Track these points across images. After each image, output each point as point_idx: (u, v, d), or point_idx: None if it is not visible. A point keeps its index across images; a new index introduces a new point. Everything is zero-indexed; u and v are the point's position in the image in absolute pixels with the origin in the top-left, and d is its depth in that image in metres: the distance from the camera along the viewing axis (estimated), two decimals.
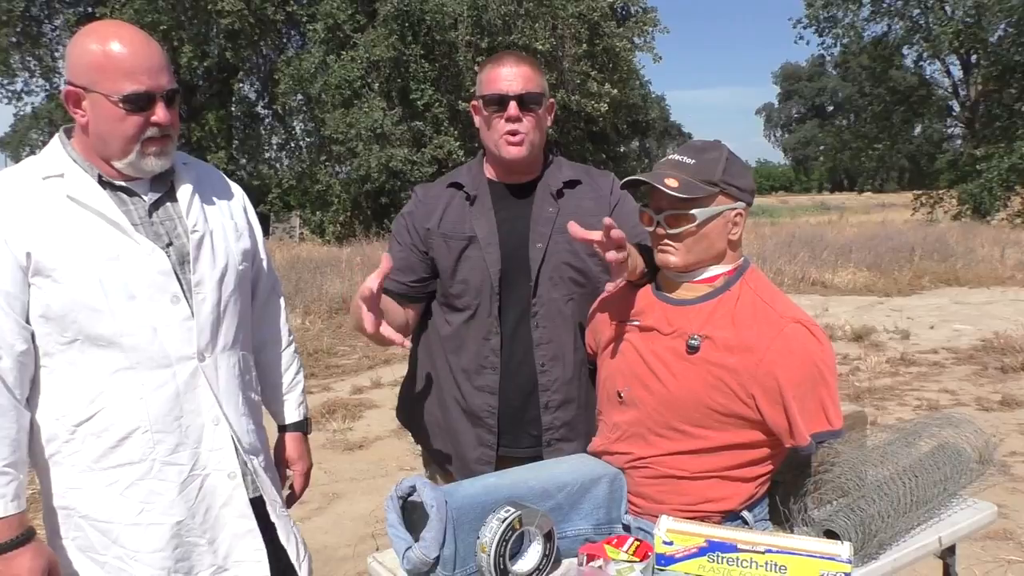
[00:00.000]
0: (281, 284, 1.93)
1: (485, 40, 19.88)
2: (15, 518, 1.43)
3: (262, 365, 1.84)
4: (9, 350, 1.45)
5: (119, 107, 1.47)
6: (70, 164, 1.54)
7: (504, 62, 1.83)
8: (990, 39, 24.36)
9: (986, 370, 6.61)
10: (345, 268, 11.40)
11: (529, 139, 1.81)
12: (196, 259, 1.59)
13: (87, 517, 1.53)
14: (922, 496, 1.62)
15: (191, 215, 1.61)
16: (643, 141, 36.29)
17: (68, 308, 1.47)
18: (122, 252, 1.51)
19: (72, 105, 1.51)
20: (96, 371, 1.51)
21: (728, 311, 1.55)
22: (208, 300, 1.60)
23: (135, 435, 1.52)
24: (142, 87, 1.48)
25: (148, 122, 1.50)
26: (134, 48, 1.48)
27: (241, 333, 1.69)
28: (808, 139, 72.59)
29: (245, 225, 1.76)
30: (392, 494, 1.47)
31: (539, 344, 1.84)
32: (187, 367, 1.56)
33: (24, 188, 1.50)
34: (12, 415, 1.44)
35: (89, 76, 1.48)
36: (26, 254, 1.45)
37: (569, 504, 1.59)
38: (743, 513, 1.59)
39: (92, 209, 1.51)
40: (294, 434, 1.88)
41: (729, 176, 1.57)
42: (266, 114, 25.67)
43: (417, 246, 1.88)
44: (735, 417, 1.52)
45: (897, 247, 13.66)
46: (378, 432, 5.28)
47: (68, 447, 1.52)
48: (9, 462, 1.43)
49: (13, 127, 27.76)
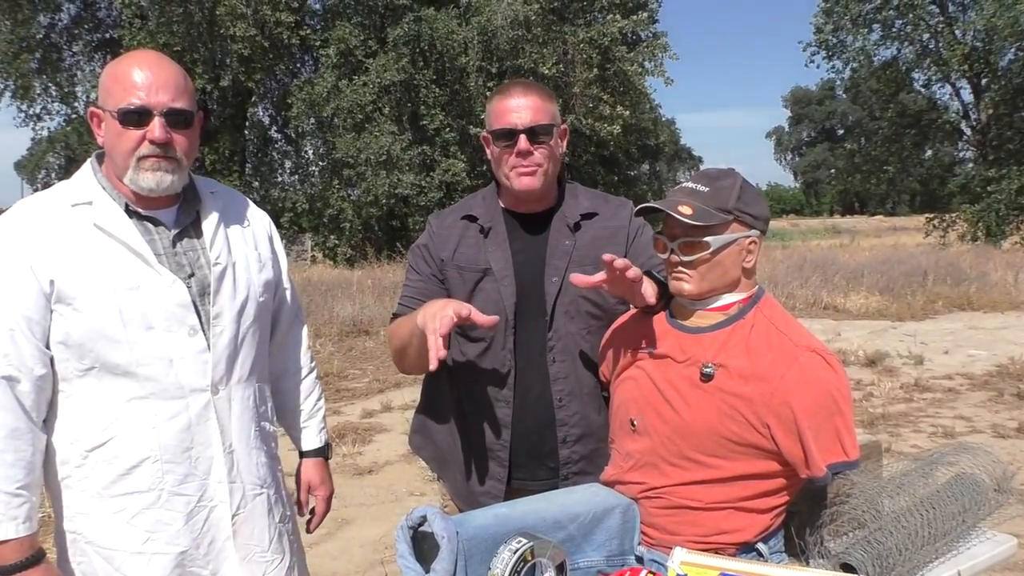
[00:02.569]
0: (304, 312, 1.94)
1: (495, 65, 20.06)
2: (26, 540, 1.44)
3: (283, 392, 1.85)
4: (29, 374, 1.47)
5: (117, 121, 1.51)
6: (99, 191, 1.57)
7: (512, 93, 1.81)
8: (1000, 63, 24.37)
9: (1002, 396, 6.54)
10: (356, 291, 11.44)
11: (542, 170, 1.79)
12: (217, 291, 1.60)
13: (92, 543, 1.54)
14: (940, 528, 1.59)
15: (215, 247, 1.63)
16: (653, 164, 36.41)
17: (87, 337, 1.49)
18: (143, 283, 1.52)
19: (95, 126, 1.56)
20: (111, 399, 1.52)
21: (742, 339, 1.54)
22: (226, 333, 1.61)
23: (145, 464, 1.53)
24: (137, 102, 1.50)
25: (143, 138, 1.52)
26: (142, 68, 1.52)
27: (258, 365, 1.70)
28: (819, 162, 72.67)
29: (269, 255, 1.77)
30: (403, 524, 1.46)
31: (556, 379, 1.82)
32: (200, 399, 1.57)
33: (53, 215, 1.53)
34: (28, 438, 1.46)
35: (102, 95, 1.53)
36: (50, 281, 1.47)
37: (581, 535, 1.57)
38: (758, 545, 1.57)
39: (117, 238, 1.53)
40: (315, 460, 1.89)
41: (743, 204, 1.56)
42: (279, 139, 25.92)
43: (436, 275, 1.87)
44: (750, 447, 1.51)
45: (910, 271, 13.59)
46: (388, 457, 5.26)
47: (79, 472, 1.53)
48: (23, 484, 1.44)
49: (31, 150, 28.13)
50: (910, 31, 25.44)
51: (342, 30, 20.66)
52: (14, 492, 1.43)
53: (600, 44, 21.45)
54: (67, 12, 23.44)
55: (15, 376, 1.45)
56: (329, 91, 20.41)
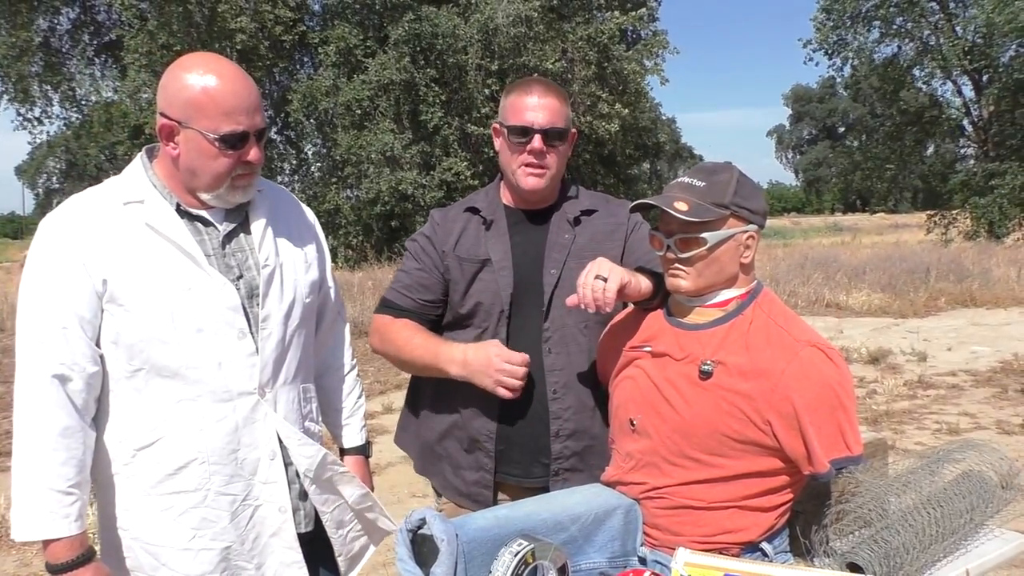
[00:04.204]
0: (345, 309, 1.94)
1: (495, 63, 20.05)
2: (77, 538, 1.46)
3: (325, 389, 1.85)
4: (81, 372, 1.47)
5: (215, 145, 1.48)
6: (150, 190, 1.55)
7: (532, 91, 1.81)
8: (1001, 59, 24.34)
9: (1006, 392, 6.51)
10: (356, 292, 11.43)
11: (550, 173, 1.81)
12: (265, 295, 1.60)
13: (139, 539, 1.55)
14: (948, 526, 1.57)
15: (263, 248, 1.62)
16: (653, 164, 36.41)
17: (138, 338, 1.49)
18: (194, 284, 1.52)
19: (165, 138, 1.52)
20: (159, 400, 1.53)
21: (741, 335, 1.52)
22: (274, 335, 1.61)
23: (192, 465, 1.54)
24: (240, 127, 1.49)
25: (240, 160, 1.52)
26: (235, 87, 1.49)
27: (303, 366, 1.71)
28: (820, 160, 72.58)
29: (315, 255, 1.77)
30: (402, 527, 1.44)
31: (551, 370, 1.81)
32: (247, 402, 1.57)
33: (105, 213, 1.52)
34: (79, 436, 1.46)
35: (186, 112, 1.48)
36: (103, 280, 1.47)
37: (583, 536, 1.55)
38: (762, 545, 1.55)
39: (168, 239, 1.52)
40: (356, 457, 1.90)
41: (740, 198, 1.54)
42: (279, 140, 25.94)
43: (436, 267, 1.87)
44: (751, 444, 1.49)
45: (912, 268, 13.57)
46: (389, 458, 5.24)
47: (127, 469, 1.54)
48: (75, 483, 1.45)
49: (31, 155, 28.17)
50: (910, 28, 25.41)
51: (342, 29, 20.67)
52: (66, 490, 1.43)
53: (598, 42, 21.45)
54: (66, 16, 23.49)
55: (67, 375, 1.45)
56: (328, 89, 20.41)
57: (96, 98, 23.32)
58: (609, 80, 22.41)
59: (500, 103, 1.89)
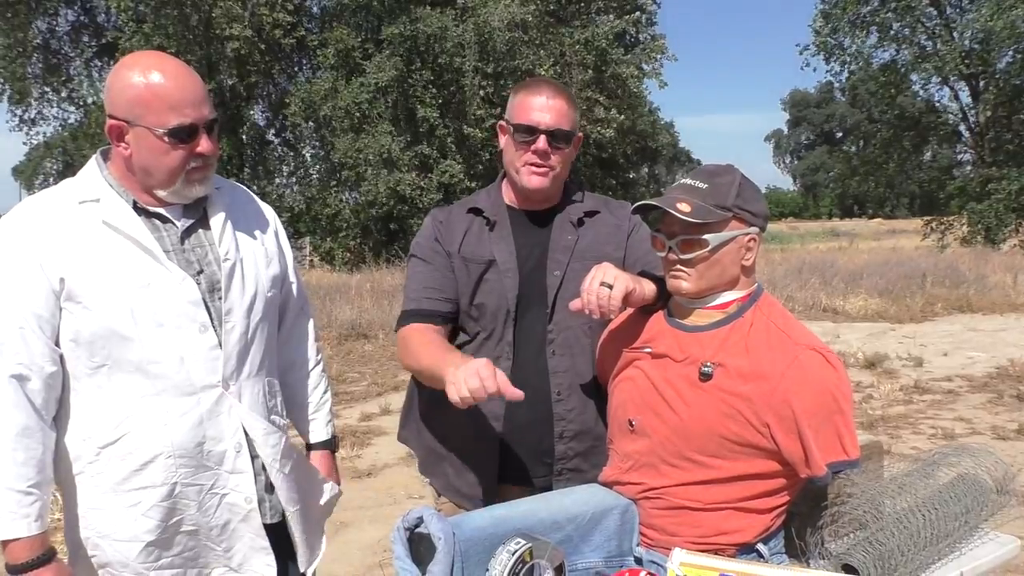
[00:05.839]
0: (310, 305, 1.94)
1: (491, 66, 20.07)
2: (38, 538, 1.45)
3: (290, 385, 1.85)
4: (39, 372, 1.47)
5: (164, 141, 1.49)
6: (106, 189, 1.55)
7: (541, 91, 1.81)
8: (998, 64, 24.41)
9: (1002, 398, 6.53)
10: (355, 295, 11.43)
11: (554, 173, 1.81)
12: (227, 288, 1.60)
13: (107, 536, 1.55)
14: (943, 529, 1.58)
15: (223, 243, 1.62)
16: (652, 167, 36.44)
17: (98, 335, 1.49)
18: (153, 280, 1.52)
19: (115, 139, 1.52)
20: (122, 396, 1.53)
21: (741, 338, 1.53)
22: (236, 329, 1.61)
23: (158, 460, 1.54)
24: (188, 119, 1.49)
25: (192, 153, 1.52)
26: (178, 81, 1.49)
27: (267, 359, 1.71)
28: (817, 165, 72.72)
29: (276, 250, 1.77)
30: (399, 525, 1.44)
31: (555, 372, 1.81)
32: (211, 395, 1.58)
33: (61, 212, 1.52)
34: (39, 436, 1.46)
35: (132, 110, 1.48)
36: (60, 279, 1.47)
37: (580, 536, 1.55)
38: (758, 546, 1.55)
39: (126, 235, 1.52)
40: (322, 452, 1.90)
41: (742, 200, 1.55)
42: (277, 142, 25.92)
43: (447, 266, 1.86)
44: (749, 446, 1.49)
45: (908, 273, 13.60)
46: (387, 460, 5.24)
47: (92, 468, 1.54)
48: (34, 483, 1.45)
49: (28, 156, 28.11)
50: (907, 33, 25.47)
51: (340, 31, 20.68)
52: (26, 490, 1.43)
53: (596, 46, 21.48)
54: (65, 18, 23.47)
55: (25, 374, 1.45)
56: (326, 92, 20.41)
57: (94, 99, 23.33)
58: (607, 84, 22.44)
59: (508, 101, 1.89)
